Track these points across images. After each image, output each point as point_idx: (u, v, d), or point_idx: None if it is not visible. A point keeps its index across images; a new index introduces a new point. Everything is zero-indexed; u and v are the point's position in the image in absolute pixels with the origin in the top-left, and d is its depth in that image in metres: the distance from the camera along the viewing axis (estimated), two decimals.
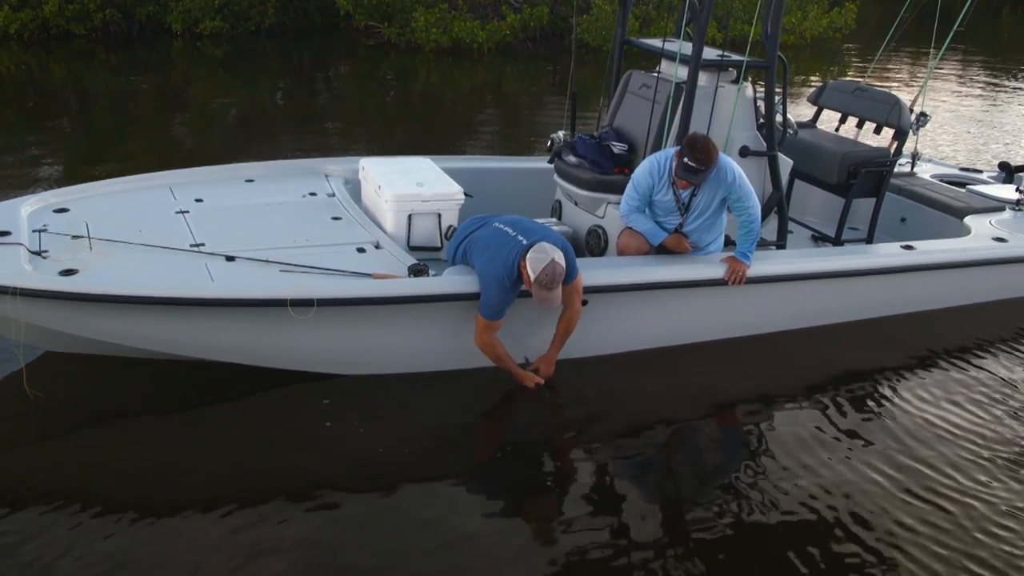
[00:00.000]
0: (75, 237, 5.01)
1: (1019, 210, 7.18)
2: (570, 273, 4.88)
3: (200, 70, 15.13)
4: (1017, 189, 7.39)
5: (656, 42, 6.27)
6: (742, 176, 5.38)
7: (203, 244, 5.08)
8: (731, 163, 5.39)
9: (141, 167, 6.70)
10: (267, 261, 4.90)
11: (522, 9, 17.66)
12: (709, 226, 5.59)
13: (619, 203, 5.94)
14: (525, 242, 4.80)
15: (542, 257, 4.69)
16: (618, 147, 6.19)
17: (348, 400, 4.96)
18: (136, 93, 13.26)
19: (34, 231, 5.02)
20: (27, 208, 5.33)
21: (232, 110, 12.68)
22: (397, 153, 6.62)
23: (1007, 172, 8.18)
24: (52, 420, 4.68)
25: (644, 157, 5.88)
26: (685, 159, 5.17)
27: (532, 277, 4.68)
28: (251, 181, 6.31)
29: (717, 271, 5.54)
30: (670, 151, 5.47)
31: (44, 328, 4.61)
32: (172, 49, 16.08)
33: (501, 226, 4.98)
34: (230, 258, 4.92)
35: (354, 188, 6.30)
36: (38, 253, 4.77)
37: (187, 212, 5.58)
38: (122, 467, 4.35)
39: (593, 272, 5.22)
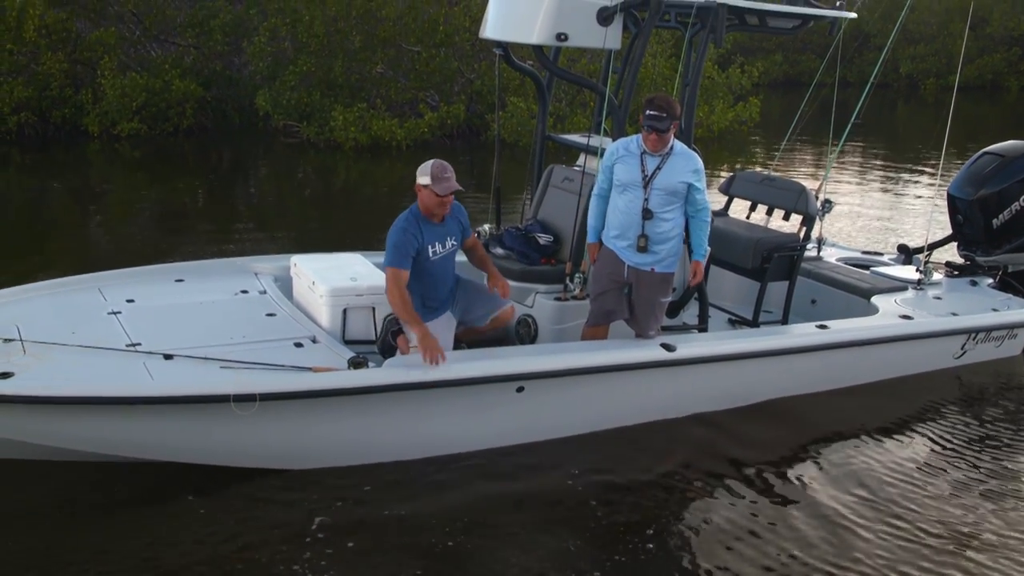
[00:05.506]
0: (7, 340, 4.97)
1: (920, 289, 7.62)
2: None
3: (118, 171, 15.09)
4: (917, 269, 7.86)
5: (576, 137, 6.58)
6: (703, 173, 5.66)
7: (139, 344, 5.09)
8: (697, 156, 5.69)
9: (62, 269, 6.65)
10: (206, 358, 4.93)
11: (439, 107, 18.12)
12: (670, 209, 5.62)
13: (547, 292, 6.15)
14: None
15: (423, 166, 5.26)
16: (544, 238, 6.44)
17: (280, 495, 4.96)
18: (53, 195, 13.15)
19: None
20: None
21: (152, 210, 12.64)
22: (320, 249, 6.72)
23: (906, 254, 8.68)
24: None
25: (570, 247, 6.14)
26: (648, 112, 5.38)
27: (429, 181, 5.21)
28: (181, 280, 6.35)
29: (646, 355, 5.73)
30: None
31: None
32: (89, 151, 16.00)
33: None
34: (168, 356, 4.93)
35: (284, 285, 6.38)
36: None
37: (120, 312, 5.59)
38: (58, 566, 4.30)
39: (525, 359, 5.38)
